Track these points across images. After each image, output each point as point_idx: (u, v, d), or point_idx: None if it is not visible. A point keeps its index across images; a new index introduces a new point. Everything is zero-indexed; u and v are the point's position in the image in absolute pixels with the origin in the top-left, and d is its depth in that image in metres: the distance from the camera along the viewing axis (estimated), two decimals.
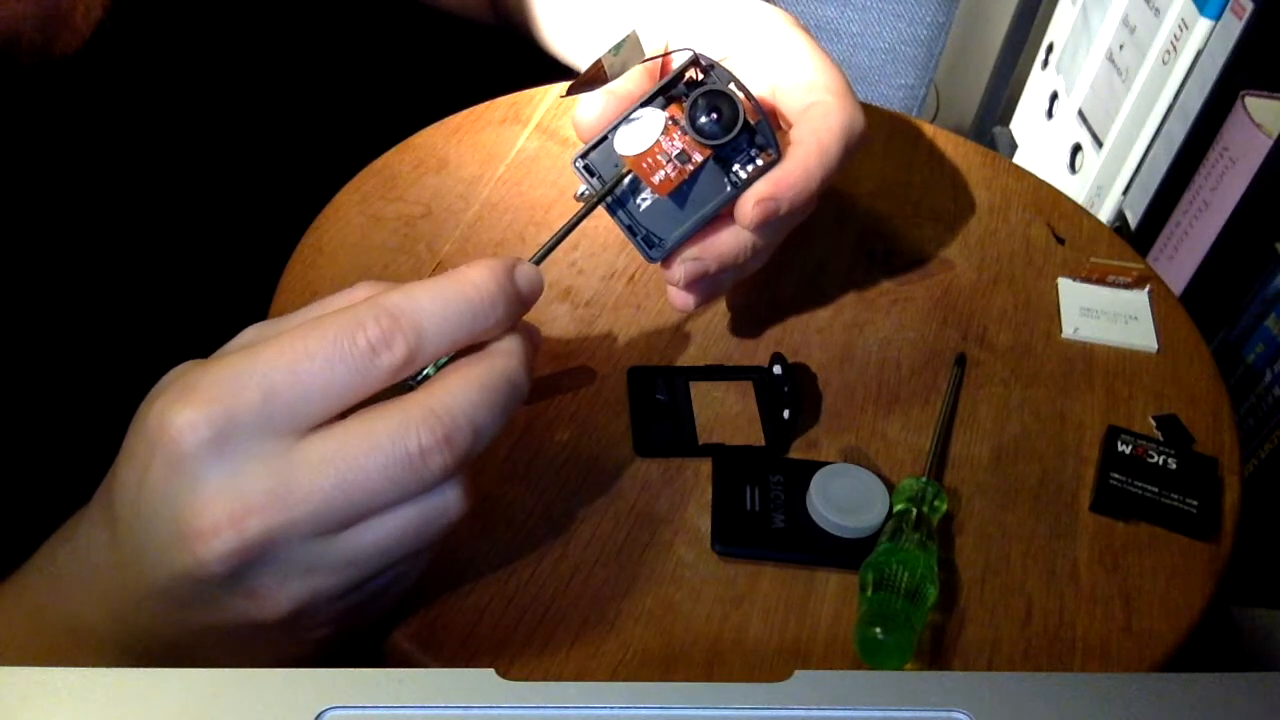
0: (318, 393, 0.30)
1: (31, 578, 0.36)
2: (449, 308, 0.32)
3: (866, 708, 0.24)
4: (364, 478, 0.30)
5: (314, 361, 0.30)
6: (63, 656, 0.35)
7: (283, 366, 0.30)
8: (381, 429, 0.30)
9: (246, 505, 0.30)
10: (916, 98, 0.92)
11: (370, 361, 0.31)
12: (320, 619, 0.33)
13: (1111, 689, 0.25)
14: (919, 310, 0.53)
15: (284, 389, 0.30)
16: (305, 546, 0.31)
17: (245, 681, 0.24)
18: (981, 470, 0.46)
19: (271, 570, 0.31)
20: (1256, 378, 0.74)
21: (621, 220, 0.42)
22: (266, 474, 0.30)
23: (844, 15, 0.87)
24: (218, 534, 0.30)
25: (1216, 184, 0.82)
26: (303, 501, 0.30)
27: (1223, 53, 0.84)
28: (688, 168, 0.41)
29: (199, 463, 0.30)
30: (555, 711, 0.24)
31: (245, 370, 0.30)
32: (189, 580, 0.31)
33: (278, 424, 0.30)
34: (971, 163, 0.62)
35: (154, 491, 0.31)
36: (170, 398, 0.30)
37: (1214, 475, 0.46)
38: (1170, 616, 0.42)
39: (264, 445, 0.30)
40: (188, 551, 0.30)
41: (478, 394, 0.32)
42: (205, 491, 0.30)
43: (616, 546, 0.41)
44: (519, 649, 0.38)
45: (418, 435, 0.30)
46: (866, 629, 0.38)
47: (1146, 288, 0.55)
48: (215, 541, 0.30)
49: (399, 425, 0.30)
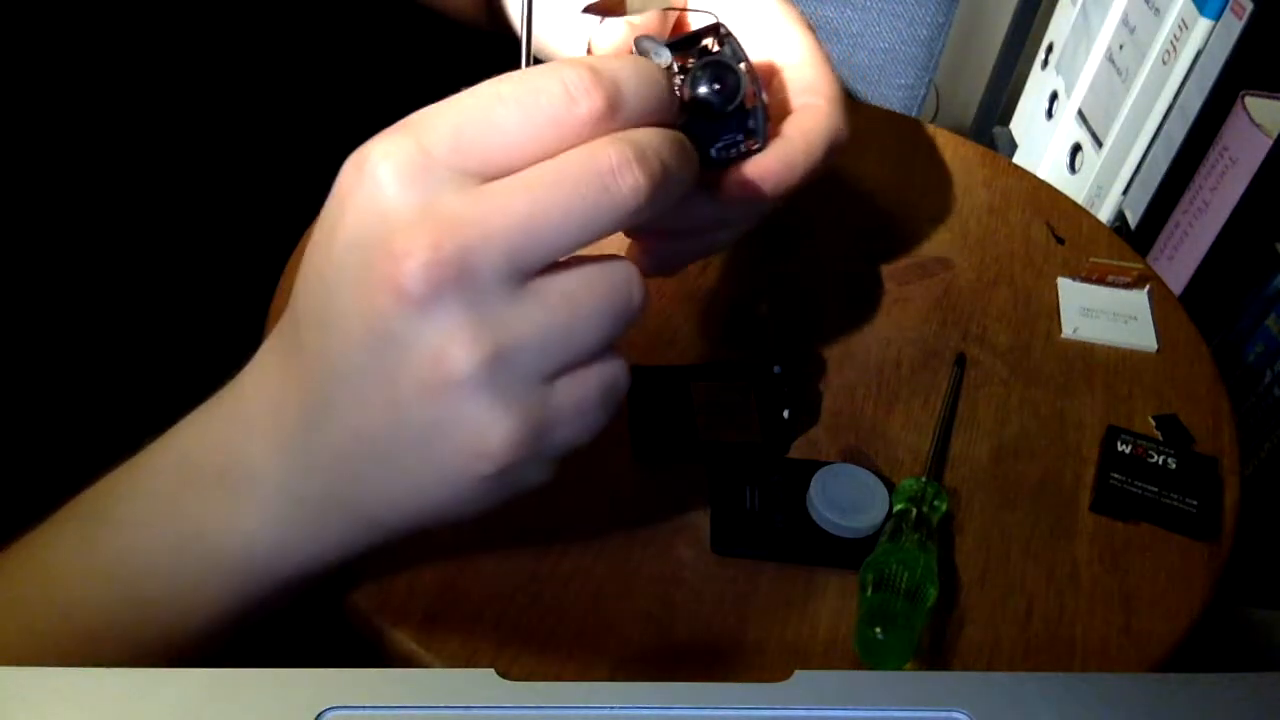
0: (511, 134, 0.30)
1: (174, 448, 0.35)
2: (643, 74, 0.31)
3: (866, 708, 0.24)
4: (556, 195, 0.29)
5: (507, 105, 0.29)
6: (212, 509, 0.34)
7: (476, 107, 0.30)
8: (571, 155, 0.30)
9: (439, 225, 0.29)
10: (916, 98, 0.92)
11: (568, 110, 0.30)
12: (505, 410, 0.30)
13: (1111, 689, 0.25)
14: (919, 310, 0.53)
15: (476, 126, 0.29)
16: (497, 285, 0.29)
17: (245, 681, 0.24)
18: (981, 470, 0.46)
19: (462, 309, 0.29)
20: (1256, 378, 0.74)
21: None
22: (458, 201, 0.29)
23: (844, 15, 0.87)
24: (411, 254, 0.28)
25: (1216, 184, 0.82)
26: (497, 221, 0.29)
27: (1222, 53, 0.84)
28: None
29: (390, 192, 0.29)
30: (555, 711, 0.24)
31: (438, 110, 0.30)
32: (381, 323, 0.29)
33: (468, 161, 0.29)
34: (971, 163, 0.62)
35: (346, 235, 0.30)
36: (373, 140, 0.30)
37: (1214, 475, 0.46)
38: (1170, 616, 0.42)
39: (454, 179, 0.29)
40: (382, 282, 0.29)
41: (663, 137, 0.31)
42: (397, 218, 0.29)
43: (616, 546, 0.41)
44: (519, 649, 0.38)
45: (608, 153, 0.30)
46: (866, 629, 0.37)
47: (1146, 287, 0.55)
48: (409, 262, 0.28)
49: (587, 149, 0.30)
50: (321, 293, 0.31)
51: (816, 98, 0.44)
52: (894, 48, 0.88)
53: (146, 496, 0.35)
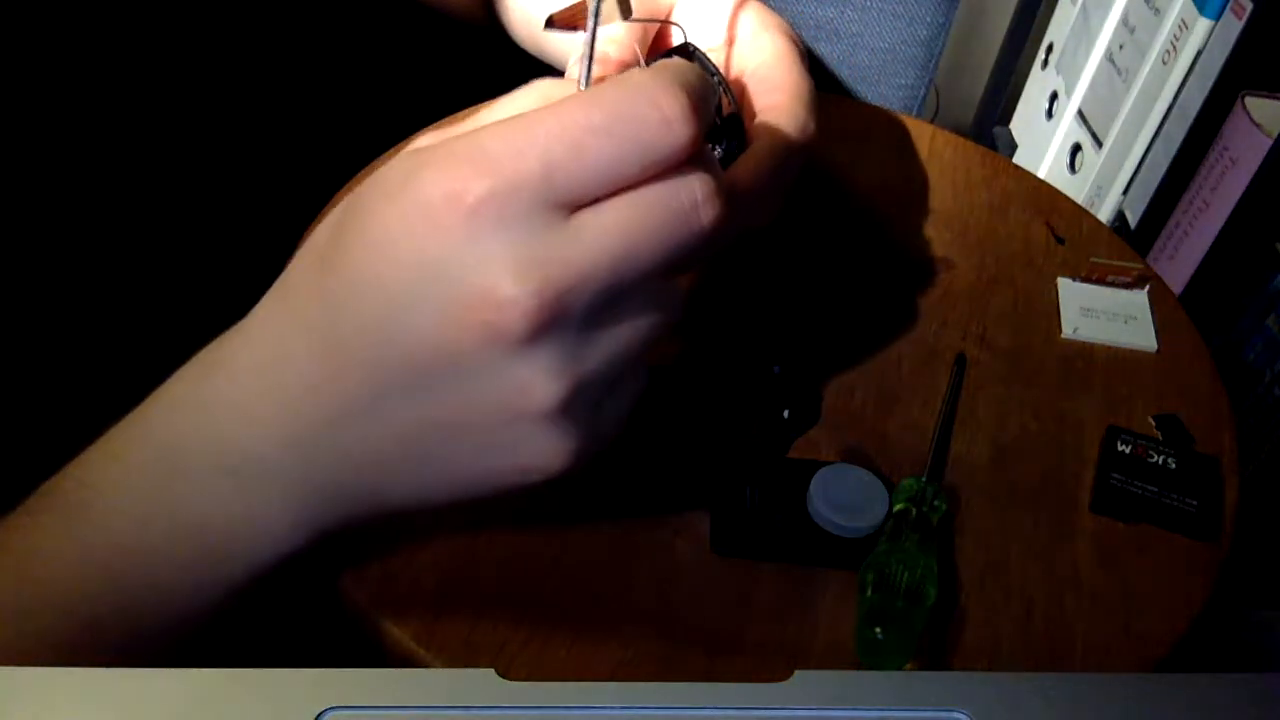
0: (604, 167, 0.29)
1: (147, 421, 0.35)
2: (707, 89, 0.31)
3: (866, 708, 0.24)
4: (647, 232, 0.30)
5: (599, 137, 0.29)
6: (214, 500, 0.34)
7: (565, 138, 0.29)
8: (660, 190, 0.30)
9: (538, 270, 0.29)
10: (916, 98, 0.92)
11: (666, 141, 0.29)
12: (572, 434, 0.32)
13: (1111, 689, 0.25)
14: (919, 310, 0.53)
15: (567, 161, 0.29)
16: (584, 320, 0.30)
17: (245, 681, 0.24)
18: (981, 470, 0.46)
19: (554, 348, 0.30)
20: (1256, 378, 0.74)
21: None
22: (554, 241, 0.29)
23: (844, 15, 0.87)
24: (516, 302, 0.28)
25: (1216, 184, 0.82)
26: (592, 263, 0.29)
27: (1222, 53, 0.84)
28: None
29: (483, 232, 0.29)
30: (555, 712, 0.24)
31: (526, 141, 0.29)
32: (468, 358, 0.29)
33: (559, 195, 0.29)
34: (971, 163, 0.62)
35: (424, 258, 0.29)
36: (442, 166, 0.29)
37: (1214, 475, 0.46)
38: (1170, 616, 0.42)
39: (544, 216, 0.29)
40: (476, 321, 0.29)
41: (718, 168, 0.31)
42: (492, 259, 0.29)
43: (617, 547, 0.41)
44: (519, 649, 0.38)
45: (692, 188, 0.30)
46: (866, 629, 0.37)
47: (1146, 287, 0.55)
48: (512, 310, 0.28)
49: (675, 185, 0.30)
50: (382, 304, 0.30)
51: (780, 95, 0.43)
52: (894, 48, 0.88)
53: (134, 489, 0.34)
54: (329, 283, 0.32)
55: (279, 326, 0.33)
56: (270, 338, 0.33)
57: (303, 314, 0.33)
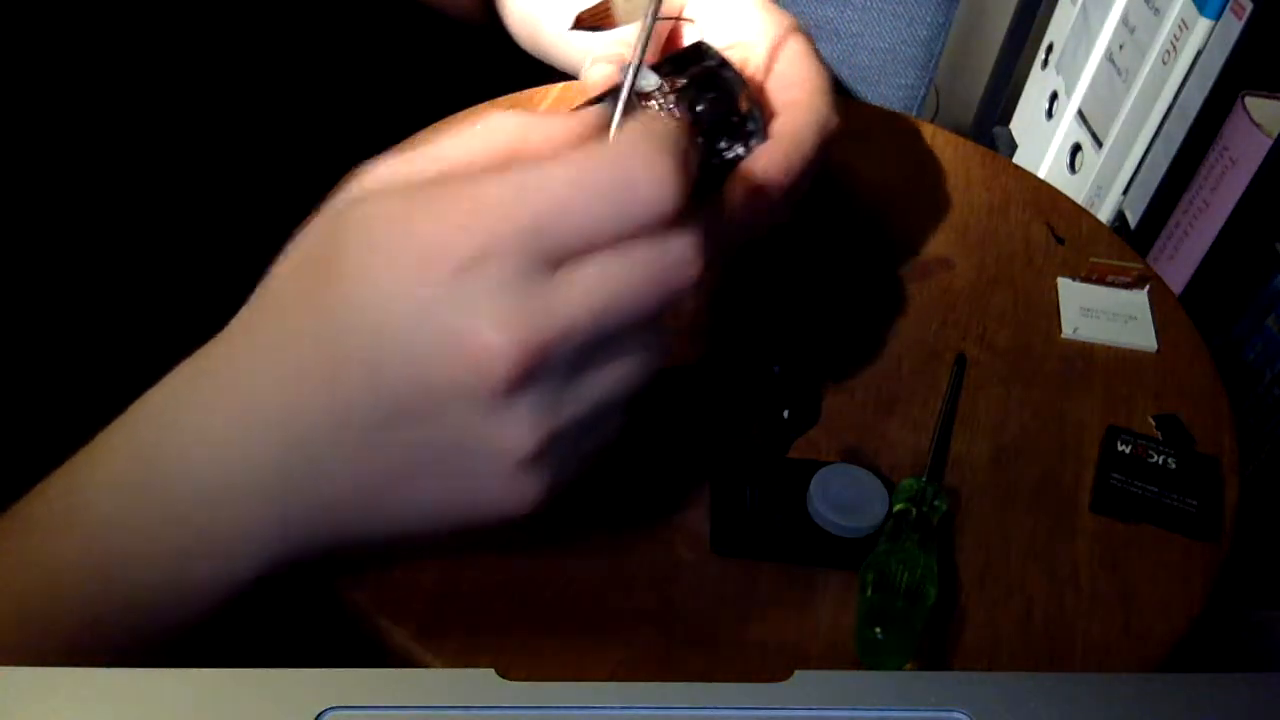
0: (592, 226, 0.30)
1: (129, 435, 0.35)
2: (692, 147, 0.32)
3: (866, 708, 0.24)
4: (630, 290, 0.30)
5: (589, 196, 0.30)
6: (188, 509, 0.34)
7: (555, 200, 0.30)
8: (645, 250, 0.31)
9: (525, 323, 0.30)
10: (916, 98, 0.92)
11: (659, 203, 0.30)
12: (547, 479, 0.33)
13: (1111, 689, 0.25)
14: (919, 310, 0.53)
15: (557, 221, 0.30)
16: (565, 371, 0.31)
17: (245, 681, 0.24)
18: (981, 470, 0.46)
19: (535, 397, 0.31)
20: (1256, 378, 0.74)
21: None
22: (541, 295, 0.30)
23: (844, 15, 0.87)
24: (505, 354, 0.29)
25: (1216, 184, 0.82)
26: (574, 318, 0.30)
27: (1222, 53, 0.84)
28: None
29: (472, 283, 0.30)
30: (555, 712, 0.24)
31: (517, 198, 0.30)
32: (454, 402, 0.31)
33: (548, 253, 0.30)
34: (971, 163, 0.62)
35: (408, 312, 0.30)
36: (437, 219, 0.30)
37: (1214, 475, 0.46)
38: (1170, 617, 0.42)
39: (530, 271, 0.30)
40: (462, 369, 0.30)
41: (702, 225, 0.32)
42: (479, 310, 0.30)
43: (617, 546, 0.41)
44: (519, 649, 0.38)
45: (679, 247, 0.31)
46: (866, 629, 0.37)
47: (1146, 287, 0.55)
48: (500, 364, 0.30)
49: (661, 246, 0.31)
50: (369, 337, 0.31)
51: (800, 92, 0.44)
52: (894, 48, 0.88)
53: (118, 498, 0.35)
54: (320, 308, 0.32)
55: (265, 343, 0.34)
56: (254, 357, 0.34)
57: (290, 347, 0.33)
